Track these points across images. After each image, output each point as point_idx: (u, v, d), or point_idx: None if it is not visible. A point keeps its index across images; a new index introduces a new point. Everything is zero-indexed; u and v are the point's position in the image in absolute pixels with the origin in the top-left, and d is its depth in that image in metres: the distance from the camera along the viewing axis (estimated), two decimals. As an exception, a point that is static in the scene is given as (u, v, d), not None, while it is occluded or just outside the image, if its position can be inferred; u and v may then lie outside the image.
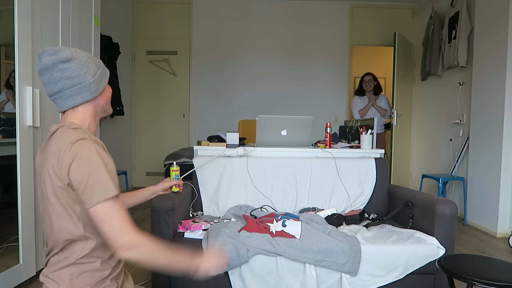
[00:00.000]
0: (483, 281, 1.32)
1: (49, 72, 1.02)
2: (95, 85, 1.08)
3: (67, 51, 1.03)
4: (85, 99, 1.07)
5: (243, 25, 5.33)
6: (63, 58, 1.02)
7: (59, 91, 1.04)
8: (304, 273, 1.69)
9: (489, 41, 3.46)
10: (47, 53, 1.02)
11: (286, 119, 2.44)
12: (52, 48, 1.02)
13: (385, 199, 2.39)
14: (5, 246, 2.16)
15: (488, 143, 3.46)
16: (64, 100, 1.05)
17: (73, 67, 1.03)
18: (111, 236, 0.95)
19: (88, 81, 1.06)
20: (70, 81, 1.03)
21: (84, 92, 1.06)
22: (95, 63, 1.09)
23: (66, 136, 1.00)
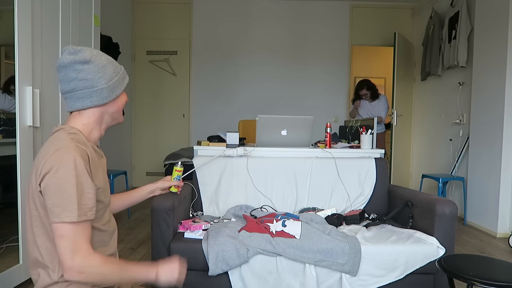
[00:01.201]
0: (483, 281, 1.32)
1: (65, 70, 1.03)
2: (108, 91, 1.07)
3: (87, 53, 1.03)
4: (94, 103, 1.06)
5: (243, 25, 5.33)
6: (81, 59, 1.02)
7: (70, 90, 1.04)
8: (304, 273, 1.69)
9: (489, 41, 3.46)
10: (68, 52, 1.03)
11: (286, 119, 2.44)
12: (74, 47, 1.03)
13: (385, 199, 2.39)
14: (5, 246, 2.16)
15: (488, 143, 3.46)
16: (73, 100, 1.05)
17: (89, 69, 1.03)
18: (61, 255, 0.94)
19: (101, 86, 1.05)
20: (82, 83, 1.03)
21: (94, 96, 1.05)
22: (114, 69, 1.09)
23: (58, 141, 0.99)
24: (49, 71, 2.25)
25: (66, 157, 0.95)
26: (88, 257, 0.95)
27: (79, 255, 0.94)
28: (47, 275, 1.00)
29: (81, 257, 0.94)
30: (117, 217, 3.87)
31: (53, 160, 0.94)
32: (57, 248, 0.94)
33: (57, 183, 0.93)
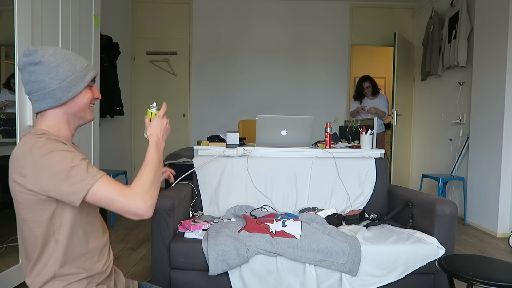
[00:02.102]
0: (483, 281, 1.32)
1: (22, 73, 1.01)
2: (61, 91, 1.01)
3: (40, 53, 0.99)
4: (49, 105, 1.02)
5: (243, 25, 5.33)
6: (31, 61, 0.99)
7: (28, 93, 1.02)
8: (304, 273, 1.69)
9: (489, 41, 3.46)
10: (23, 53, 1.00)
11: (286, 119, 2.44)
12: (30, 48, 1.00)
13: (385, 199, 2.39)
14: (5, 246, 2.16)
15: (488, 143, 3.46)
16: (33, 102, 1.03)
17: (40, 70, 0.99)
18: (125, 209, 0.95)
19: (53, 87, 1.00)
20: (36, 85, 1.00)
21: (48, 98, 1.01)
22: (69, 67, 1.02)
23: (27, 142, 0.96)
24: (49, 71, 2.25)
25: (42, 148, 0.93)
26: (134, 188, 0.97)
27: (131, 193, 0.95)
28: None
29: (132, 194, 0.95)
30: (117, 217, 3.86)
31: (32, 157, 0.92)
32: (113, 208, 0.95)
33: (54, 170, 0.92)
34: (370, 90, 4.35)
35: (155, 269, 1.78)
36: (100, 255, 1.10)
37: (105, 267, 1.10)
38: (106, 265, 1.11)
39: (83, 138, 2.69)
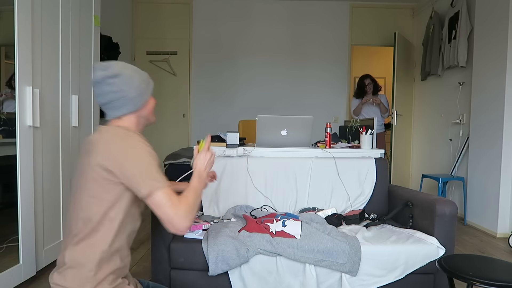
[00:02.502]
0: (483, 281, 1.32)
1: (100, 85, 1.16)
2: (138, 98, 1.20)
3: (115, 67, 1.17)
4: (129, 110, 1.19)
5: (243, 25, 5.33)
6: (111, 74, 1.15)
7: (107, 102, 1.18)
8: (304, 273, 1.69)
9: (489, 41, 3.46)
10: (99, 68, 1.17)
11: (286, 119, 2.44)
12: (103, 64, 1.18)
13: (385, 199, 2.39)
14: (5, 246, 2.16)
15: (488, 143, 3.46)
16: (112, 110, 1.19)
17: (119, 82, 1.16)
18: (168, 219, 1.07)
19: (132, 95, 1.18)
20: (117, 95, 1.16)
21: (128, 105, 1.19)
22: (139, 77, 1.21)
23: (118, 132, 1.14)
24: (49, 71, 2.25)
25: (132, 140, 1.12)
26: (182, 207, 1.09)
27: (180, 211, 1.07)
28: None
29: (180, 211, 1.07)
30: (117, 217, 3.78)
31: (124, 144, 1.10)
32: (160, 214, 1.07)
33: (135, 160, 1.09)
34: (371, 87, 4.35)
35: (155, 269, 1.78)
36: (128, 248, 1.22)
37: (129, 261, 1.24)
38: (129, 259, 1.23)
39: (83, 137, 2.69)
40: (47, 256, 2.26)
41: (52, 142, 2.30)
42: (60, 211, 2.40)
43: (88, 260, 1.08)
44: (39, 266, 2.18)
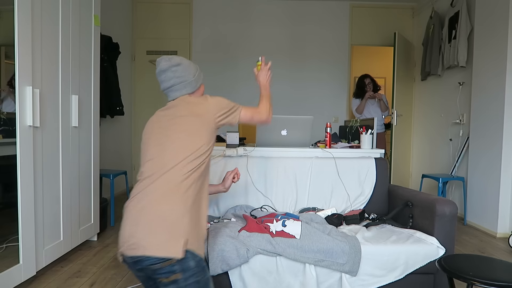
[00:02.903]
0: (483, 281, 1.32)
1: (165, 73, 1.50)
2: (195, 82, 1.54)
3: (177, 59, 1.50)
4: (188, 91, 1.52)
5: (243, 25, 5.34)
6: (174, 63, 1.49)
7: (171, 85, 1.51)
8: (304, 273, 1.69)
9: (489, 41, 3.46)
10: (164, 60, 1.49)
11: (286, 119, 2.44)
12: (165, 56, 1.51)
13: (385, 199, 2.39)
14: (5, 246, 2.16)
15: (488, 143, 3.46)
16: (174, 92, 1.51)
17: (181, 69, 1.50)
18: (260, 117, 1.65)
19: (190, 79, 1.52)
20: (179, 79, 1.49)
21: (188, 87, 1.52)
22: (194, 67, 1.56)
23: (197, 97, 1.50)
24: (49, 71, 2.25)
25: (209, 97, 1.50)
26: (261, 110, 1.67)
27: (261, 112, 1.65)
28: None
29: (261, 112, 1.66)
30: (117, 217, 3.85)
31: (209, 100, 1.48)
32: (255, 120, 1.62)
33: (217, 102, 1.48)
34: (371, 87, 4.36)
35: (155, 269, 1.77)
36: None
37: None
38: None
39: (83, 137, 2.69)
40: (47, 256, 2.26)
41: (52, 142, 2.30)
42: (60, 211, 2.40)
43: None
44: (39, 266, 2.18)
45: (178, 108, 1.42)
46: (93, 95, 2.82)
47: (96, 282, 2.20)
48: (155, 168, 1.30)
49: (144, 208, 1.23)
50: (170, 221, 1.21)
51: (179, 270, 1.20)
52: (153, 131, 1.41)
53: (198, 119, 1.38)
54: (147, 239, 1.19)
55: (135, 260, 1.20)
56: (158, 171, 1.29)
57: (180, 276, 1.20)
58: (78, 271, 2.35)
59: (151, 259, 1.17)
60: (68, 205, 2.49)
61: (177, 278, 1.20)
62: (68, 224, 2.49)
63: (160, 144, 1.35)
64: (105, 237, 3.04)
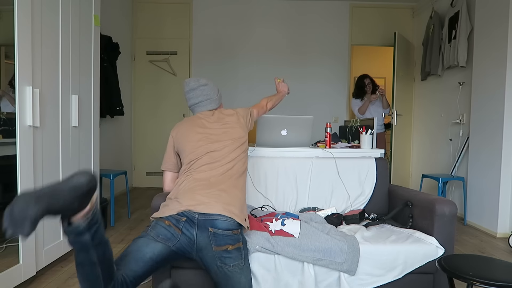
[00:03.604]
0: (483, 281, 1.32)
1: (194, 91, 1.86)
2: (218, 99, 1.93)
3: (204, 80, 1.89)
4: (212, 107, 1.89)
5: (243, 25, 5.34)
6: (202, 83, 1.87)
7: (199, 102, 1.86)
8: (303, 272, 1.69)
9: (489, 41, 3.46)
10: (193, 80, 1.88)
11: (286, 119, 2.45)
12: (194, 78, 1.88)
13: (385, 199, 2.39)
14: (5, 246, 2.16)
15: (488, 143, 3.46)
16: (200, 107, 1.87)
17: (208, 89, 1.88)
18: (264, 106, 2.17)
19: (215, 97, 1.91)
20: (205, 97, 1.86)
21: (213, 103, 1.89)
22: (217, 89, 1.95)
23: (230, 110, 1.93)
24: (49, 71, 2.25)
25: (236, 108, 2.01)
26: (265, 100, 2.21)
27: (263, 107, 2.17)
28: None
29: (262, 106, 2.17)
30: (117, 217, 3.85)
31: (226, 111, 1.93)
32: (260, 114, 2.14)
33: (243, 112, 1.98)
34: (371, 87, 4.39)
35: (155, 269, 1.77)
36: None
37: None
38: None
39: (83, 137, 2.69)
40: (47, 256, 2.26)
41: (52, 142, 2.30)
42: (60, 211, 2.40)
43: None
44: (39, 266, 2.18)
45: (220, 116, 1.85)
46: (93, 95, 2.82)
47: (96, 282, 2.19)
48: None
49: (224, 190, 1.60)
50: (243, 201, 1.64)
51: (241, 239, 1.51)
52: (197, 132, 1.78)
53: (241, 129, 1.84)
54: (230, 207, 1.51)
55: (211, 219, 1.44)
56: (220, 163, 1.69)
57: (241, 245, 1.50)
58: (78, 271, 2.35)
59: (230, 223, 1.46)
60: (68, 205, 2.49)
61: (239, 246, 1.49)
62: (68, 224, 2.49)
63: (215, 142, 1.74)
64: (105, 237, 3.04)
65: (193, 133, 1.74)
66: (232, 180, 1.63)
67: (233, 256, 1.46)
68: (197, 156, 1.67)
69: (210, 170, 1.62)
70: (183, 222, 1.45)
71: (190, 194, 1.53)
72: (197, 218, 1.44)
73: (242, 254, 1.50)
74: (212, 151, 1.68)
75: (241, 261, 1.49)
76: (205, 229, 1.44)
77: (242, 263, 1.49)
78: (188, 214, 1.45)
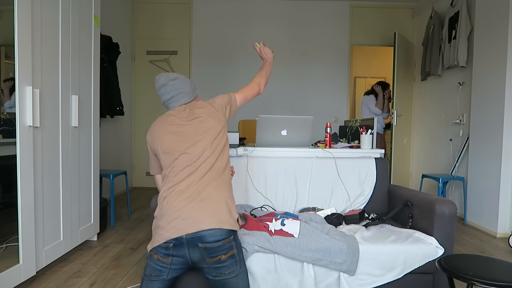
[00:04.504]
0: (483, 281, 1.32)
1: (164, 87, 1.69)
2: (192, 92, 1.75)
3: (173, 74, 1.73)
4: (186, 101, 1.71)
5: (243, 24, 5.34)
6: (171, 78, 1.70)
7: (171, 97, 1.70)
8: (302, 272, 1.69)
9: (489, 41, 3.46)
10: (162, 76, 1.71)
11: (286, 119, 2.45)
12: (164, 74, 1.72)
13: (385, 199, 2.39)
14: (5, 246, 2.16)
15: (488, 143, 3.46)
16: (173, 103, 1.70)
17: (178, 83, 1.70)
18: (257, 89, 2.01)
19: (187, 90, 1.72)
20: (177, 91, 1.69)
21: (185, 97, 1.71)
22: (190, 81, 1.77)
23: (204, 101, 1.73)
24: (49, 71, 2.25)
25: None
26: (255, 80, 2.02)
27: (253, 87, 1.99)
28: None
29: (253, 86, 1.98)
30: (117, 217, 3.85)
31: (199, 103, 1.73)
32: (249, 97, 1.96)
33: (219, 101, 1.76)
34: (388, 95, 4.57)
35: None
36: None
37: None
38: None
39: (83, 137, 2.69)
40: (47, 256, 2.26)
41: (52, 142, 2.30)
42: (60, 211, 2.40)
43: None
44: (39, 266, 2.18)
45: (191, 111, 1.66)
46: (93, 95, 2.82)
47: (96, 282, 2.20)
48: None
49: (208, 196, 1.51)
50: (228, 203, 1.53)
51: (235, 245, 1.46)
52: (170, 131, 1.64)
53: (214, 119, 1.65)
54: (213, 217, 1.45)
55: (200, 235, 1.39)
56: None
57: (235, 251, 1.46)
58: (78, 271, 2.36)
59: (219, 234, 1.40)
60: (68, 205, 2.49)
61: (233, 253, 1.45)
62: (68, 224, 2.50)
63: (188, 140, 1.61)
64: (105, 237, 3.04)
65: (164, 133, 1.61)
66: (215, 180, 1.53)
67: (227, 264, 1.43)
68: (173, 159, 1.56)
69: (188, 176, 1.50)
70: (172, 248, 1.41)
71: (173, 212, 1.44)
72: (185, 238, 1.39)
73: (237, 260, 1.46)
74: (186, 152, 1.55)
75: (236, 267, 1.45)
76: (195, 245, 1.40)
77: (238, 269, 1.46)
78: (175, 239, 1.40)
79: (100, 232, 3.03)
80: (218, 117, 1.66)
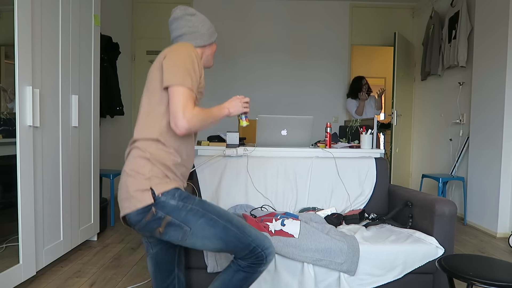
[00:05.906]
0: (483, 281, 1.32)
1: (178, 21, 1.42)
2: (208, 36, 1.47)
3: (190, 9, 1.44)
4: (199, 44, 1.45)
5: (243, 25, 5.34)
6: (189, 12, 1.43)
7: (181, 34, 1.42)
8: (303, 272, 1.69)
9: (489, 41, 3.46)
10: (179, 8, 1.44)
11: (286, 119, 2.45)
12: (181, 6, 1.45)
13: (385, 199, 2.39)
14: (5, 246, 2.16)
15: (488, 143, 3.46)
16: (183, 41, 1.41)
17: (195, 19, 1.44)
18: (174, 111, 1.24)
19: (204, 32, 1.45)
20: (191, 29, 1.42)
21: (199, 39, 1.44)
22: (209, 22, 1.49)
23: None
24: (49, 71, 2.25)
25: (187, 45, 1.35)
26: (192, 110, 1.26)
27: (187, 110, 1.24)
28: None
29: (188, 110, 1.24)
30: (117, 217, 3.84)
31: (176, 45, 1.34)
32: (171, 106, 1.24)
33: (177, 54, 1.29)
34: (366, 88, 4.50)
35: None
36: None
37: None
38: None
39: (83, 137, 2.69)
40: (47, 256, 2.26)
41: (52, 142, 2.30)
42: (60, 211, 2.40)
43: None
44: (39, 266, 2.18)
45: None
46: (93, 95, 2.82)
47: (96, 282, 2.20)
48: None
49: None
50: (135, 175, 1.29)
51: (164, 213, 1.24)
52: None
53: (158, 69, 1.33)
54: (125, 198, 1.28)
55: (127, 220, 1.28)
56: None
57: (169, 218, 1.25)
58: (78, 271, 2.36)
59: (135, 213, 1.24)
60: (68, 205, 2.49)
61: (169, 221, 1.25)
62: (68, 224, 2.50)
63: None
64: (105, 237, 3.04)
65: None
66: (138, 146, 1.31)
67: (171, 233, 1.26)
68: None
69: (128, 146, 1.37)
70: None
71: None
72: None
73: (179, 224, 1.26)
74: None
75: (185, 229, 1.26)
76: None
77: (188, 230, 1.26)
78: (123, 218, 1.33)
79: (100, 232, 3.03)
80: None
